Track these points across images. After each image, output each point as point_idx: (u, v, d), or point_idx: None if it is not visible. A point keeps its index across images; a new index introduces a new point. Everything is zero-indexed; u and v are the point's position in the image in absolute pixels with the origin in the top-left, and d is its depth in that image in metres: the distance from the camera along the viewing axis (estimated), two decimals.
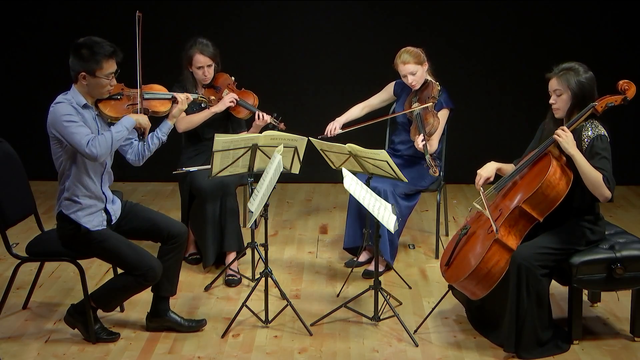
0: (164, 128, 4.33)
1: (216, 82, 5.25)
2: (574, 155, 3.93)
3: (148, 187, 7.09)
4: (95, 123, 4.10)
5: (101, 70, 4.00)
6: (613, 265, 4.06)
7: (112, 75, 4.05)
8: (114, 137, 4.01)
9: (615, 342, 4.25)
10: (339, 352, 4.16)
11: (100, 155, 3.96)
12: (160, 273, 4.11)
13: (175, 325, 4.32)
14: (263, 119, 5.14)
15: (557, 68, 4.07)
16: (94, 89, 4.04)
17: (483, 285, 4.06)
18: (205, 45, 5.14)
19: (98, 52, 3.98)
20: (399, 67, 5.05)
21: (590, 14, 6.92)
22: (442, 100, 5.10)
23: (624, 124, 6.82)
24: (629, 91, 4.07)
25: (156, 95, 4.34)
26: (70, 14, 7.02)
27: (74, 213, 4.09)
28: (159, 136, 4.31)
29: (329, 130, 5.23)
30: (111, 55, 4.01)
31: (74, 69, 4.02)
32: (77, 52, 4.00)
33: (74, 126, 3.95)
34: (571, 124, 4.01)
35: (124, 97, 4.21)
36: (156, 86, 4.40)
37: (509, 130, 7.02)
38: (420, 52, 5.05)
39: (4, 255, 5.08)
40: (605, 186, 3.89)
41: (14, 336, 4.30)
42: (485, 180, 4.25)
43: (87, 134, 3.96)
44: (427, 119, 4.97)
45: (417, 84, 5.08)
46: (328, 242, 5.79)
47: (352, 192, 4.15)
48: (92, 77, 4.00)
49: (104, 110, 4.13)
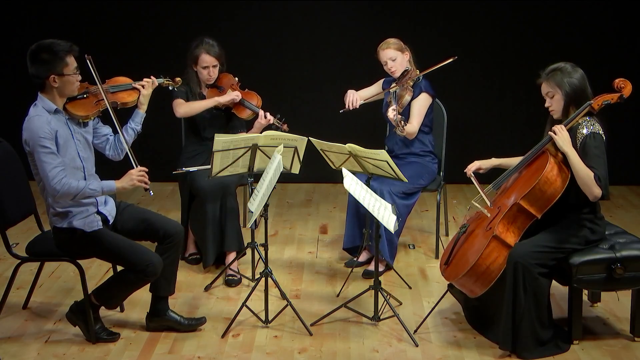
0: (136, 118, 4.35)
1: (220, 83, 5.25)
2: (567, 152, 3.96)
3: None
4: (68, 127, 4.10)
5: (67, 67, 4.01)
6: (613, 265, 4.07)
7: (76, 70, 4.07)
8: (83, 192, 3.96)
9: (615, 342, 4.25)
10: (339, 352, 4.16)
11: (59, 197, 3.96)
12: (160, 268, 4.11)
13: (174, 324, 4.32)
14: (266, 119, 5.14)
15: (545, 71, 4.11)
16: (66, 87, 4.04)
17: (482, 282, 4.07)
18: (212, 46, 5.15)
19: (58, 50, 3.99)
20: (379, 54, 5.15)
21: (588, 13, 6.92)
22: (421, 85, 5.17)
23: (623, 123, 6.83)
24: (624, 89, 4.12)
25: (121, 87, 4.33)
26: (72, 15, 7.02)
27: (67, 222, 4.10)
28: (133, 126, 4.34)
29: (350, 102, 5.24)
30: (70, 50, 4.02)
31: (40, 76, 4.01)
32: (37, 58, 4.00)
33: (45, 153, 3.93)
34: (568, 122, 4.05)
35: (90, 94, 4.21)
36: (120, 78, 4.38)
37: (509, 130, 7.02)
38: (399, 40, 5.16)
39: (4, 255, 5.08)
40: (596, 184, 3.91)
41: (14, 336, 4.31)
42: (477, 168, 4.36)
43: (56, 166, 3.94)
44: (402, 94, 5.11)
45: (397, 70, 5.14)
46: (328, 242, 5.79)
47: (352, 192, 4.15)
48: (61, 76, 4.01)
49: (73, 111, 4.13)
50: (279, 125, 5.17)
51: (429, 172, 5.24)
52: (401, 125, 4.78)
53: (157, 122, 6.14)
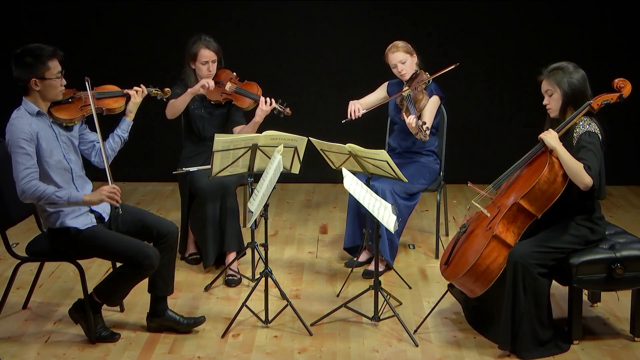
0: (123, 125, 4.34)
1: (218, 78, 5.25)
2: (555, 148, 3.98)
3: (148, 187, 7.09)
4: (52, 130, 4.10)
5: (49, 71, 4.03)
6: (613, 265, 4.07)
7: (60, 74, 4.08)
8: (49, 197, 3.95)
9: (615, 342, 4.25)
10: (339, 352, 4.16)
11: (24, 198, 3.97)
12: (157, 261, 4.10)
13: (174, 324, 4.32)
14: (269, 105, 5.13)
15: (547, 69, 4.12)
16: (48, 91, 4.06)
17: (482, 282, 4.07)
18: (209, 41, 5.17)
19: (40, 54, 4.02)
20: (389, 57, 5.14)
21: (588, 13, 6.92)
22: (432, 88, 5.15)
23: (623, 124, 6.83)
24: (624, 89, 4.13)
25: (109, 94, 4.33)
26: (71, 15, 7.01)
27: (59, 222, 4.10)
28: (120, 134, 4.33)
29: (352, 112, 5.22)
30: (53, 54, 4.04)
31: (23, 79, 4.04)
32: (20, 61, 4.03)
33: (20, 154, 3.95)
34: (568, 121, 4.05)
35: (75, 99, 4.22)
36: (108, 86, 4.38)
37: (509, 130, 7.02)
38: (407, 43, 5.15)
39: (4, 255, 5.08)
40: (587, 173, 3.90)
41: (14, 336, 4.31)
42: None
43: (28, 167, 3.95)
44: (417, 97, 5.06)
45: (406, 73, 5.14)
46: (328, 242, 5.79)
47: (352, 192, 4.15)
48: (43, 80, 4.03)
49: (57, 115, 4.13)
50: (281, 110, 5.17)
51: (430, 172, 5.23)
52: (423, 131, 4.76)
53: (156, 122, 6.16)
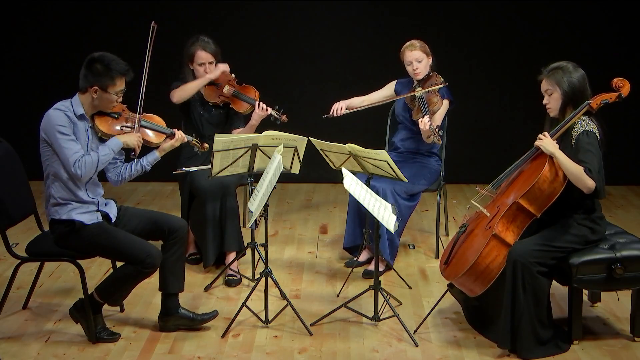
0: (150, 158, 4.32)
1: (217, 80, 5.25)
2: (553, 153, 3.97)
3: (148, 187, 7.09)
4: (87, 135, 4.12)
5: (113, 87, 4.06)
6: (613, 265, 4.06)
7: (121, 93, 4.11)
8: (100, 159, 4.06)
9: (615, 342, 4.25)
10: (339, 352, 4.16)
11: (84, 176, 4.03)
12: (159, 260, 4.11)
13: (189, 321, 4.31)
14: (263, 110, 5.13)
15: (547, 68, 4.13)
16: (102, 103, 4.10)
17: (481, 282, 4.07)
18: (207, 43, 5.17)
19: (113, 68, 4.04)
20: (406, 54, 5.12)
21: (588, 13, 6.92)
22: (443, 91, 5.14)
23: (623, 123, 6.83)
24: (623, 88, 4.13)
25: (153, 126, 4.33)
26: (71, 15, 7.02)
27: (65, 214, 4.11)
28: (144, 164, 4.31)
29: (335, 110, 5.26)
30: (124, 73, 4.07)
31: (86, 82, 4.06)
32: (91, 66, 4.05)
33: (65, 140, 4.00)
34: (566, 121, 4.06)
35: (121, 117, 4.23)
36: (156, 117, 4.39)
37: (509, 130, 7.02)
38: (425, 44, 5.16)
39: (4, 255, 5.08)
40: (587, 176, 3.90)
41: (14, 336, 4.30)
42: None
43: (76, 152, 4.01)
44: (431, 99, 5.04)
45: (420, 72, 5.12)
46: (328, 242, 5.79)
47: (352, 192, 4.15)
48: (104, 92, 4.05)
49: (99, 125, 4.15)
50: (277, 116, 5.17)
51: (431, 173, 5.23)
52: (437, 134, 4.76)
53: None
